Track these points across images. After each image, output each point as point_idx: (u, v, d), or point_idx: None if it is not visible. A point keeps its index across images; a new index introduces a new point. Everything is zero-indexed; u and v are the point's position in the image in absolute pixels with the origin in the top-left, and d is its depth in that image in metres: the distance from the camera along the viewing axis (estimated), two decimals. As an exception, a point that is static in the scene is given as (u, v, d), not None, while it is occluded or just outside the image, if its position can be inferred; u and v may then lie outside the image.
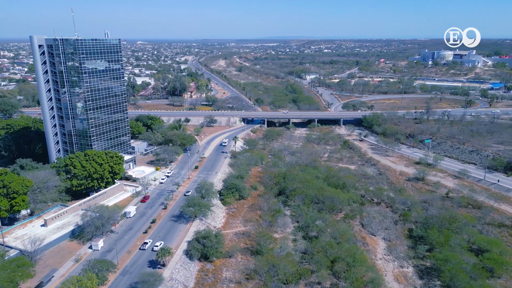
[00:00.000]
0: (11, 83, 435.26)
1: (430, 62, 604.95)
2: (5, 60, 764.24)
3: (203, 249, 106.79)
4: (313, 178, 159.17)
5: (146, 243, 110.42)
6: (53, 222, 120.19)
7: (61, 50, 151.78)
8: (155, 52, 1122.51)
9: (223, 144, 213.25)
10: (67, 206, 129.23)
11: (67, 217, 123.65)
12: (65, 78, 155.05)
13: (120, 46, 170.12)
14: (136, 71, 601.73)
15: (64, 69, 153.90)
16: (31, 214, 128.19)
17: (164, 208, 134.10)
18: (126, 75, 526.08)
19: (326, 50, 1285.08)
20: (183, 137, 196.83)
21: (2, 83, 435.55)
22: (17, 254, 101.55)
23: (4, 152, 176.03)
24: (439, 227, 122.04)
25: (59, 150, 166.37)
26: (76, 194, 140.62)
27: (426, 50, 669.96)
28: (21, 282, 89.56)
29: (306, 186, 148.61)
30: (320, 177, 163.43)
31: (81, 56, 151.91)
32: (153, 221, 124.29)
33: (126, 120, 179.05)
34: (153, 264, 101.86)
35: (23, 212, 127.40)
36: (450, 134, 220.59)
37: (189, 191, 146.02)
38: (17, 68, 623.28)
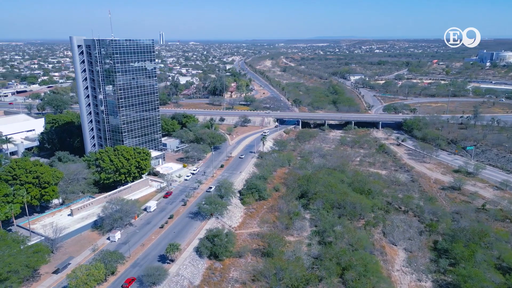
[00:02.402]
0: (68, 81, 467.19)
1: (488, 64, 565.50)
2: (67, 59, 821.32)
3: (213, 248, 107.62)
4: (338, 182, 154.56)
5: (211, 187, 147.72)
6: (79, 212, 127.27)
7: (97, 50, 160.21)
8: (205, 53, 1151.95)
9: (264, 134, 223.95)
10: (95, 198, 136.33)
11: (92, 208, 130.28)
12: (101, 77, 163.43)
13: (153, 46, 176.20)
14: (183, 70, 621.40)
15: (100, 68, 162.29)
16: (62, 204, 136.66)
17: (183, 205, 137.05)
18: (173, 74, 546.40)
19: (377, 51, 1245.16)
20: (212, 136, 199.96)
21: (60, 81, 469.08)
22: (42, 241, 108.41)
23: (48, 144, 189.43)
24: (466, 241, 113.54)
25: (94, 145, 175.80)
26: (105, 187, 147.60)
27: (485, 51, 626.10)
28: (39, 267, 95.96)
29: (329, 190, 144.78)
30: (346, 181, 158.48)
31: (115, 55, 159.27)
32: (171, 217, 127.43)
33: (157, 117, 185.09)
34: (163, 258, 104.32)
35: (55, 201, 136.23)
36: (497, 142, 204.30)
37: (211, 187, 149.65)
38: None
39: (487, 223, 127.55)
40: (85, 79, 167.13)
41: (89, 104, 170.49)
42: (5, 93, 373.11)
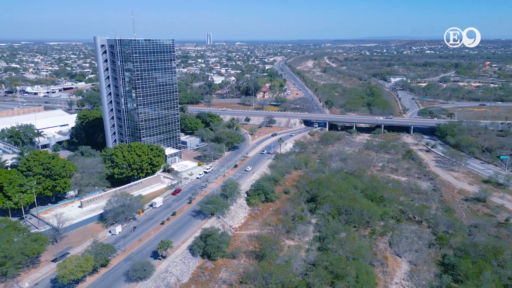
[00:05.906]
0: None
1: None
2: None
3: (205, 247, 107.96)
4: (350, 187, 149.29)
5: (248, 167, 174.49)
6: (88, 204, 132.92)
7: (119, 49, 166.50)
8: (248, 53, 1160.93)
9: (292, 134, 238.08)
10: (106, 191, 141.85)
11: (101, 201, 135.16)
12: (121, 75, 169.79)
13: (173, 46, 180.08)
14: (223, 70, 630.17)
15: (121, 66, 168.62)
16: (77, 195, 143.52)
17: (189, 203, 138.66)
18: (212, 74, 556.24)
19: (428, 51, 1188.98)
20: (230, 136, 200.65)
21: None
22: (49, 230, 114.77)
23: (75, 139, 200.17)
24: (477, 257, 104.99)
25: (115, 140, 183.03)
26: (119, 181, 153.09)
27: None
28: (40, 255, 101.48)
29: (338, 195, 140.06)
30: (359, 187, 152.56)
31: (135, 55, 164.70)
32: (173, 214, 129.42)
33: (176, 116, 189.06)
34: (156, 254, 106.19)
35: (71, 193, 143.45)
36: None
37: (249, 167, 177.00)
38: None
39: (507, 240, 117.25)
40: (108, 77, 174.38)
41: (111, 102, 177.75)
42: (53, 89, 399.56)
